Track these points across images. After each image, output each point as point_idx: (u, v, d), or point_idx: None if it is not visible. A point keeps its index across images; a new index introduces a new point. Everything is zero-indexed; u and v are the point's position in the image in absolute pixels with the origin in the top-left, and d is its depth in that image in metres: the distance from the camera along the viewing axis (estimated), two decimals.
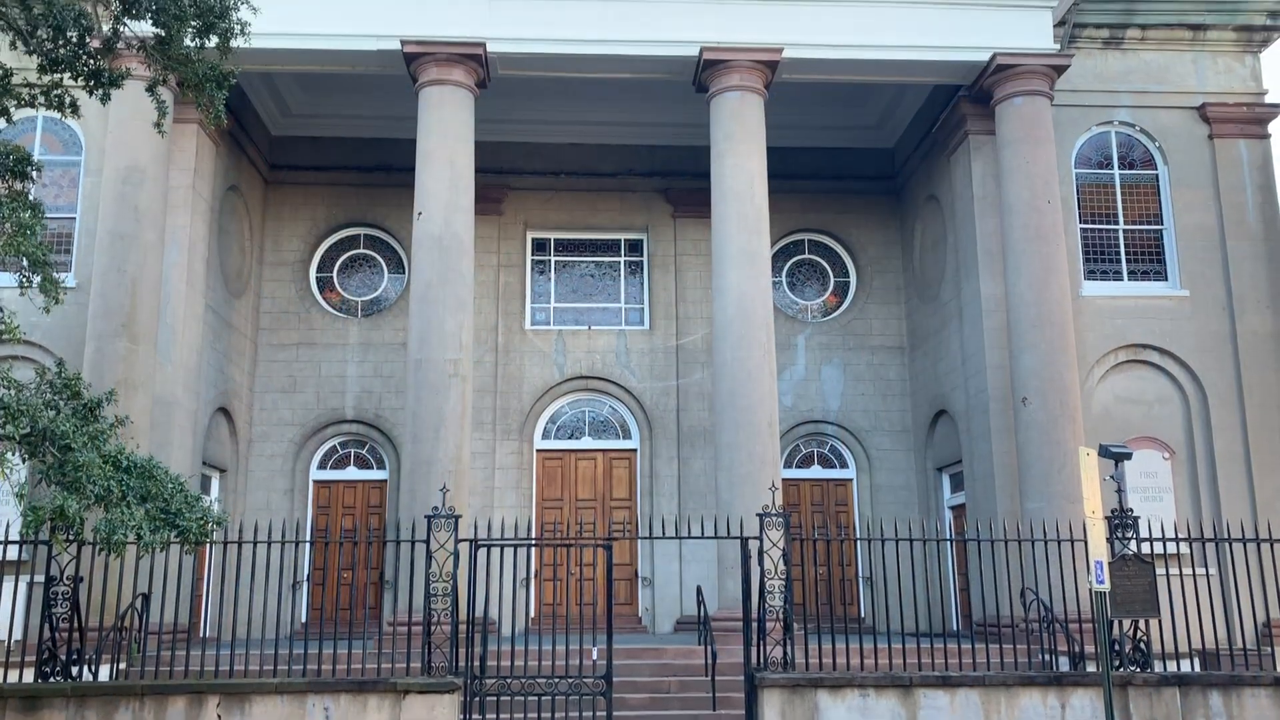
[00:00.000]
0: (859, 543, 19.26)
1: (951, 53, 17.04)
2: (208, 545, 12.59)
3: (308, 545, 19.09)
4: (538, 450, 20.37)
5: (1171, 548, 15.56)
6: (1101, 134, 18.42)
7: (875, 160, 21.86)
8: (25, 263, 10.06)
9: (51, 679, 11.02)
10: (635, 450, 20.44)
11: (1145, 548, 13.49)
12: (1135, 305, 17.67)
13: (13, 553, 14.10)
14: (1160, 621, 12.43)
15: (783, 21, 16.84)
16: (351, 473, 20.15)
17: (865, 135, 21.68)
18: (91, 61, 10.26)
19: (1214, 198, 18.11)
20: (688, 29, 16.73)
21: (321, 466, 20.15)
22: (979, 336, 17.58)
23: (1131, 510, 12.59)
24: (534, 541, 12.65)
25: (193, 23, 10.10)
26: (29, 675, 11.67)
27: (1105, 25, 18.34)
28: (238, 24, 10.37)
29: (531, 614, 19.11)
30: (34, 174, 10.79)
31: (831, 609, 14.40)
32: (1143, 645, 12.23)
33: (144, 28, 10.30)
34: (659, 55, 16.95)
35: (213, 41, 10.32)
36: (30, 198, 10.58)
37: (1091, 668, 12.92)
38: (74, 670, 11.16)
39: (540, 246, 21.54)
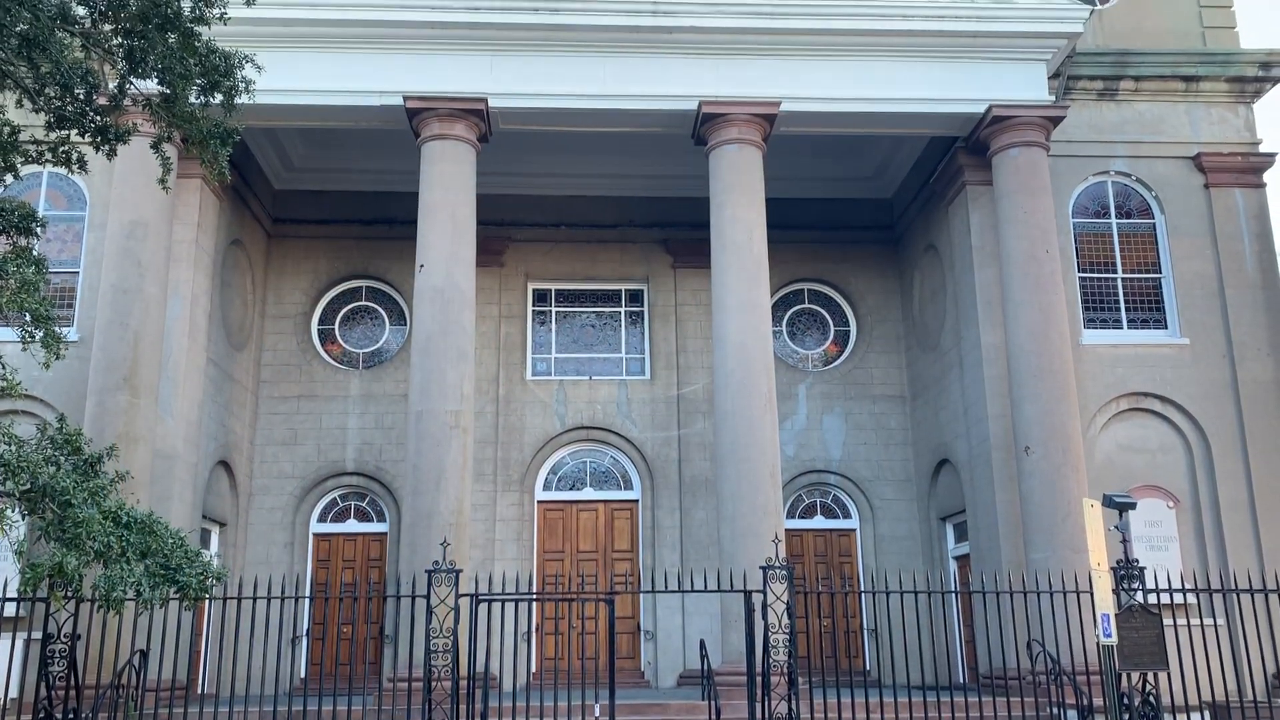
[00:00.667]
0: (863, 595, 19.11)
1: (948, 105, 17.25)
2: (207, 600, 12.49)
3: (307, 600, 18.93)
4: (539, 501, 20.28)
5: (1179, 598, 15.43)
6: (1098, 184, 18.58)
7: (873, 210, 22.01)
8: (28, 318, 10.11)
9: None
10: (637, 501, 20.35)
11: (1152, 598, 13.38)
12: (1135, 354, 17.69)
13: (10, 609, 13.97)
14: (1169, 674, 12.29)
15: (780, 75, 17.05)
16: (351, 525, 20.04)
17: (863, 186, 21.86)
18: (98, 118, 10.36)
19: (1211, 246, 18.21)
20: (686, 84, 16.95)
21: (322, 519, 20.05)
22: (980, 386, 17.58)
23: (1137, 561, 12.51)
24: (535, 596, 12.57)
25: (198, 81, 10.21)
26: None
27: (1099, 77, 18.57)
28: (242, 82, 10.47)
29: (533, 668, 18.90)
30: (39, 230, 10.86)
31: (836, 662, 14.24)
32: (1152, 698, 12.08)
33: (150, 85, 10.43)
34: (658, 110, 17.15)
35: (217, 99, 10.42)
36: (34, 253, 10.66)
37: None
38: None
39: (541, 297, 21.62)
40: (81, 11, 9.74)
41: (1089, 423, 17.15)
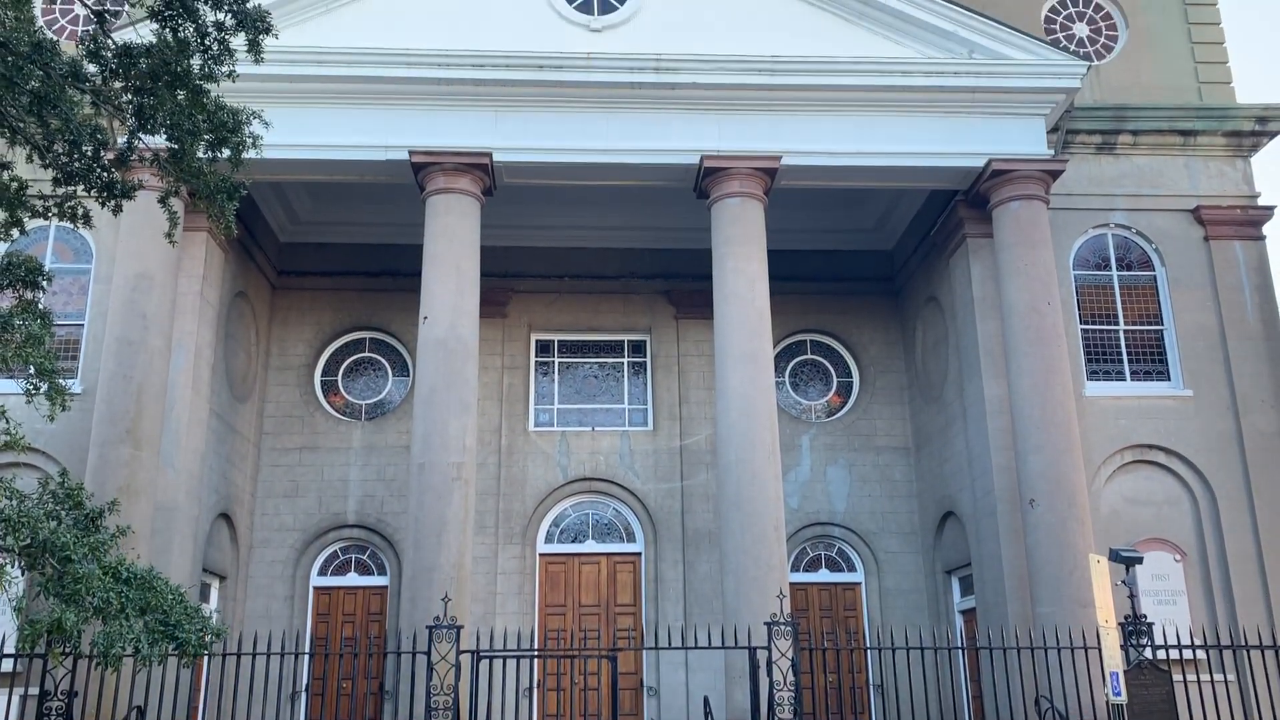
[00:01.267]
0: (869, 651, 18.89)
1: (947, 159, 17.39)
2: (205, 656, 12.37)
3: (307, 656, 18.72)
4: (540, 554, 20.13)
5: (1188, 654, 15.25)
6: (1098, 236, 18.67)
7: (874, 262, 22.10)
8: (32, 371, 10.14)
9: None
10: (639, 554, 20.20)
11: (1161, 654, 13.22)
12: (1139, 405, 17.65)
13: (7, 665, 13.83)
14: None
15: (781, 130, 17.22)
16: (352, 579, 19.89)
17: (864, 238, 21.97)
18: (105, 174, 10.46)
19: (1213, 298, 18.25)
20: (688, 138, 17.12)
21: (322, 573, 19.90)
22: (984, 437, 17.52)
23: (1145, 617, 12.40)
24: (537, 653, 12.46)
25: (206, 136, 10.31)
26: None
27: (1097, 131, 18.75)
28: (250, 137, 10.58)
29: None
30: (44, 284, 10.93)
31: (842, 719, 14.05)
32: None
33: (158, 141, 10.53)
34: (660, 164, 17.30)
35: (225, 154, 10.53)
36: (40, 307, 10.72)
37: None
38: None
39: (544, 348, 21.65)
40: (92, 69, 9.88)
41: (1094, 475, 17.07)
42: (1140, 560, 12.50)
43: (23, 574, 9.56)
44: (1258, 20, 59.70)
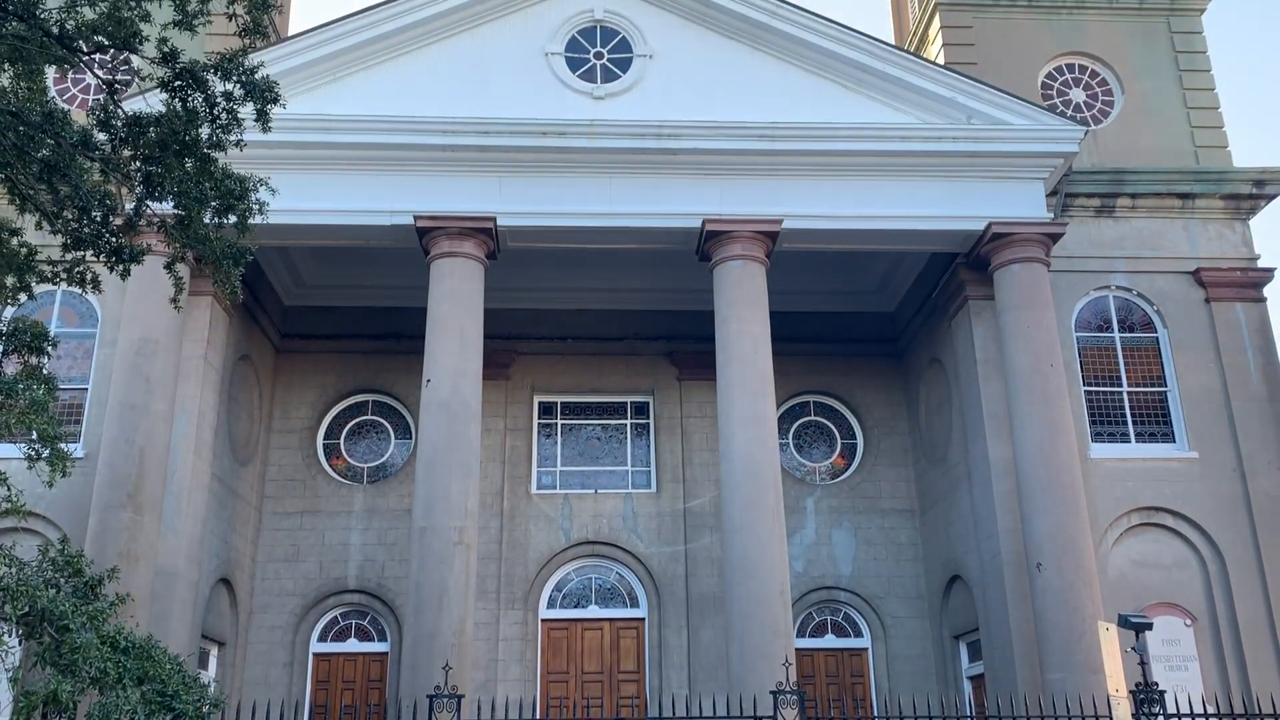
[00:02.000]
0: None
1: (947, 222, 17.51)
2: None
3: None
4: (543, 620, 19.88)
5: None
6: (1100, 298, 18.72)
7: (877, 324, 22.15)
8: (35, 436, 10.12)
9: None
10: (643, 619, 19.96)
11: None
12: (1144, 467, 17.55)
13: None
14: None
15: (782, 194, 17.39)
16: (352, 645, 19.64)
17: (866, 299, 22.04)
18: (113, 240, 10.53)
19: (1215, 359, 18.24)
20: (690, 202, 17.27)
21: (322, 639, 19.65)
22: (989, 500, 17.39)
23: (1157, 684, 12.19)
24: None
25: (213, 203, 10.40)
26: None
27: (1096, 195, 18.90)
28: (256, 204, 10.66)
29: None
30: (50, 349, 10.97)
31: None
32: None
33: (165, 207, 10.61)
34: (663, 227, 17.44)
35: (231, 220, 10.60)
36: (45, 372, 10.74)
37: None
38: None
39: (547, 410, 21.61)
40: (102, 138, 9.99)
41: (1100, 538, 16.91)
42: (1150, 626, 12.32)
43: (20, 643, 9.44)
44: (1253, 84, 60.60)
